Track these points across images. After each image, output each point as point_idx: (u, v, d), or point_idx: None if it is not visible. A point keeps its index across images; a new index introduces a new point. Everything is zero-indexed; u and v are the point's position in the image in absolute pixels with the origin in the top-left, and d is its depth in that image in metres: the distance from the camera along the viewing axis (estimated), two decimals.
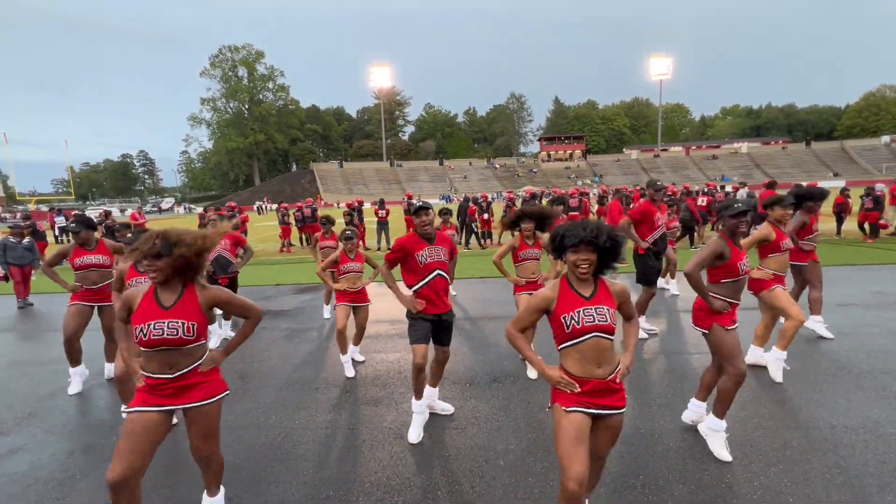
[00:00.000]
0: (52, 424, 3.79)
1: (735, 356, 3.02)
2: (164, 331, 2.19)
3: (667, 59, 67.89)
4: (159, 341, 2.20)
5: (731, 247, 3.15)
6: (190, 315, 2.24)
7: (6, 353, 5.67)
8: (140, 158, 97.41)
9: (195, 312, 2.26)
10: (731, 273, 3.14)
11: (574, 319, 2.12)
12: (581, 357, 2.14)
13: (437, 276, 3.36)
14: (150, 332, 2.18)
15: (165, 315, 2.22)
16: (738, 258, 3.14)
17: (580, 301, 2.16)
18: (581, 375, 2.15)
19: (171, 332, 2.20)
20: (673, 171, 61.72)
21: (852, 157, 60.86)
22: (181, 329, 2.20)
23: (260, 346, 5.53)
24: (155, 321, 2.20)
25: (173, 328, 2.20)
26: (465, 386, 4.23)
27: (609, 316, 2.14)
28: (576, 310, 2.13)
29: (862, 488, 2.63)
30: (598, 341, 2.13)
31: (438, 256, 3.38)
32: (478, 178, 65.85)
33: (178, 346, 2.23)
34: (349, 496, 2.74)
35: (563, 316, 2.14)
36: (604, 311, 2.14)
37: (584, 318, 2.11)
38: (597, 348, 2.13)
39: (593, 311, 2.12)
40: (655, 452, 3.05)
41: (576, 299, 2.16)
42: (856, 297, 6.56)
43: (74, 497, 2.82)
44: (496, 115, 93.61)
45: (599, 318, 2.11)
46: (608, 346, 2.15)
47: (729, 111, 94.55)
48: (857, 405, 3.57)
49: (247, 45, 72.47)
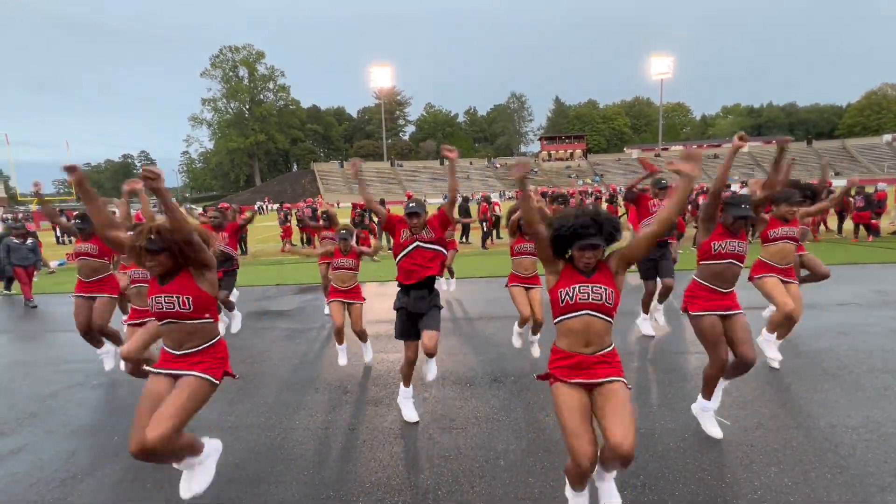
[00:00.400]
0: (54, 424, 3.80)
1: (715, 344, 3.08)
2: (163, 304, 2.35)
3: (667, 59, 67.72)
4: (161, 314, 2.37)
5: (719, 227, 3.17)
6: (183, 289, 2.36)
7: (8, 354, 5.68)
8: (141, 158, 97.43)
9: (188, 286, 2.37)
10: (706, 254, 3.19)
11: (569, 295, 2.16)
12: (570, 333, 2.19)
13: (417, 247, 3.45)
14: (154, 304, 2.37)
15: (163, 289, 2.37)
16: (715, 238, 3.15)
17: (579, 278, 2.20)
18: (567, 350, 2.21)
19: (168, 305, 2.35)
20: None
21: (854, 156, 60.71)
22: (177, 303, 2.35)
23: (260, 347, 5.54)
24: (155, 296, 2.36)
25: (170, 302, 2.35)
26: (466, 386, 4.23)
27: (605, 295, 2.15)
28: (572, 286, 2.18)
29: (863, 488, 2.62)
30: (590, 320, 2.16)
31: (421, 234, 3.46)
32: (479, 177, 65.84)
33: (176, 318, 2.36)
34: (349, 496, 2.74)
35: (559, 290, 2.20)
36: (600, 289, 2.16)
37: (579, 295, 2.15)
38: (587, 327, 2.16)
39: (589, 288, 2.16)
40: (655, 452, 3.04)
41: (577, 277, 2.21)
42: (857, 295, 6.55)
43: (76, 497, 2.83)
44: (497, 115, 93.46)
45: (594, 296, 2.14)
46: (600, 328, 2.17)
47: (730, 110, 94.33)
48: (857, 404, 3.56)
49: (247, 46, 72.61)
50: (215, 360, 2.49)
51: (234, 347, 5.55)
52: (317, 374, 4.68)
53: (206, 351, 2.46)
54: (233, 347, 5.51)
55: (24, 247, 8.80)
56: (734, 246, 3.13)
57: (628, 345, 5.11)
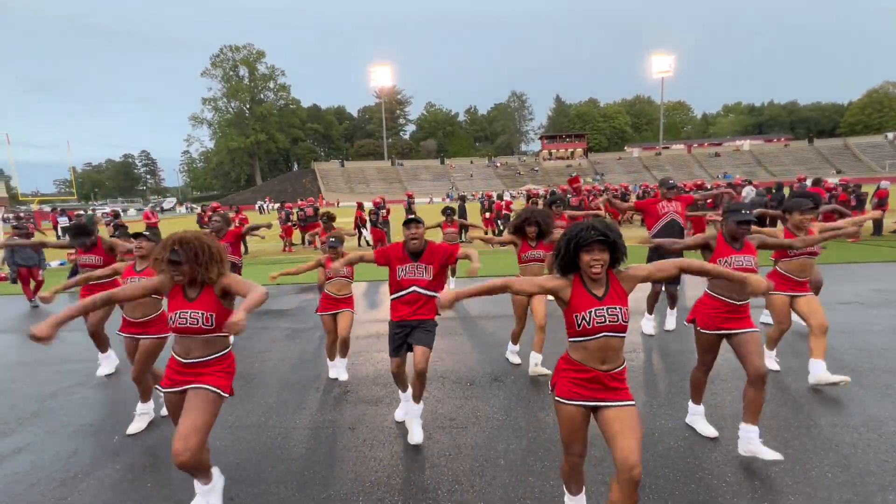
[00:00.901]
0: (55, 424, 3.81)
1: (706, 352, 3.14)
2: (187, 319, 2.44)
3: (668, 57, 67.58)
4: (183, 329, 2.45)
5: (721, 242, 3.13)
6: (208, 306, 2.45)
7: (9, 354, 5.69)
8: (142, 158, 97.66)
9: (213, 303, 2.47)
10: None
11: (585, 320, 2.16)
12: (587, 352, 2.21)
13: (413, 292, 3.35)
14: (177, 319, 2.44)
15: (190, 306, 2.46)
16: (721, 254, 3.09)
17: (593, 301, 2.18)
18: (583, 363, 2.22)
19: (193, 321, 2.43)
20: (675, 169, 61.51)
21: (856, 154, 60.58)
22: (201, 319, 2.43)
23: (260, 346, 5.54)
24: (180, 311, 2.45)
25: (194, 318, 2.43)
26: (466, 385, 4.23)
27: (621, 315, 2.17)
28: (588, 310, 2.17)
29: (864, 487, 2.62)
30: (608, 340, 2.18)
31: (419, 275, 3.33)
32: (479, 177, 65.81)
33: (197, 334, 2.46)
34: (349, 496, 2.75)
35: (574, 315, 2.19)
36: (616, 311, 2.17)
37: (596, 319, 2.15)
38: (605, 347, 2.19)
39: (605, 311, 2.16)
40: (656, 452, 3.04)
41: (589, 299, 2.19)
42: (858, 294, 6.53)
43: (76, 497, 2.83)
44: (497, 114, 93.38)
45: (611, 318, 2.15)
46: (616, 345, 2.20)
47: (731, 108, 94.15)
48: (858, 403, 3.55)
49: (247, 45, 72.54)
50: (224, 374, 2.55)
51: (235, 347, 5.53)
52: (317, 373, 4.68)
53: (214, 362, 2.51)
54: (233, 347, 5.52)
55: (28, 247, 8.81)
56: (741, 261, 3.03)
57: (630, 344, 5.10)
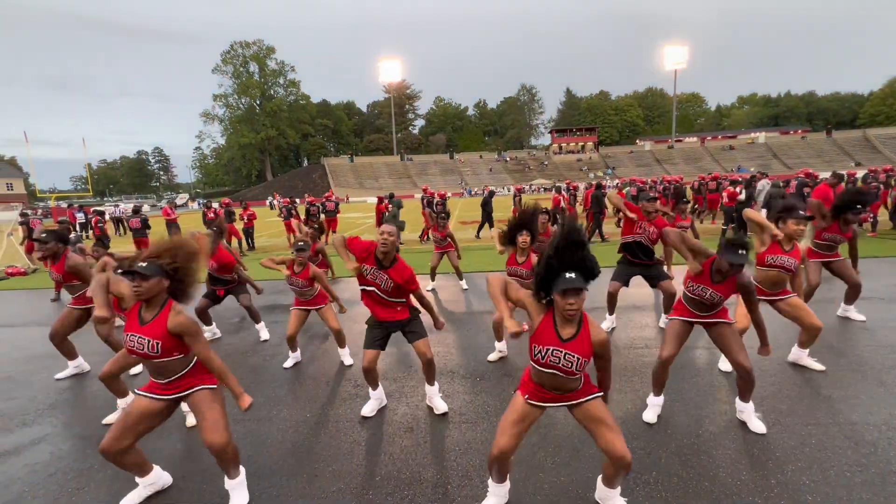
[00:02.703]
0: (72, 416, 3.89)
1: (668, 341, 3.24)
2: (135, 344, 2.40)
3: (682, 48, 66.30)
4: (132, 352, 2.43)
5: (705, 270, 3.13)
6: (156, 334, 2.40)
7: (29, 347, 5.82)
8: (155, 155, 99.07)
9: (162, 335, 2.40)
10: (686, 288, 3.25)
11: (541, 354, 2.17)
12: (542, 377, 2.27)
13: (371, 291, 3.36)
14: (127, 341, 2.42)
15: (140, 330, 2.41)
16: (692, 279, 3.18)
17: (555, 340, 2.14)
18: (539, 384, 2.31)
19: (139, 346, 2.39)
20: (687, 163, 60.64)
21: (875, 146, 59.00)
22: (146, 345, 2.39)
23: (271, 340, 5.59)
24: (130, 333, 2.41)
25: (141, 343, 2.39)
26: (476, 380, 4.22)
27: (576, 364, 2.14)
28: (546, 347, 2.15)
29: (884, 486, 2.55)
30: (558, 377, 2.21)
31: (379, 279, 3.32)
32: (488, 170, 65.51)
33: (148, 358, 2.42)
34: (359, 489, 2.76)
35: (534, 345, 2.21)
36: (572, 358, 2.12)
37: (550, 359, 2.16)
38: (556, 379, 2.23)
39: (562, 355, 2.13)
40: (669, 448, 3.00)
41: (552, 337, 2.15)
42: (877, 290, 6.37)
43: (93, 487, 2.89)
44: (507, 108, 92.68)
45: (565, 363, 2.14)
46: (568, 380, 2.22)
47: (746, 100, 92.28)
48: (879, 401, 3.47)
49: (258, 41, 72.88)
50: (199, 377, 2.58)
51: (246, 341, 5.61)
52: (327, 367, 4.71)
53: (186, 375, 2.55)
54: (245, 341, 5.60)
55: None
56: (707, 292, 3.09)
57: (642, 340, 5.04)
